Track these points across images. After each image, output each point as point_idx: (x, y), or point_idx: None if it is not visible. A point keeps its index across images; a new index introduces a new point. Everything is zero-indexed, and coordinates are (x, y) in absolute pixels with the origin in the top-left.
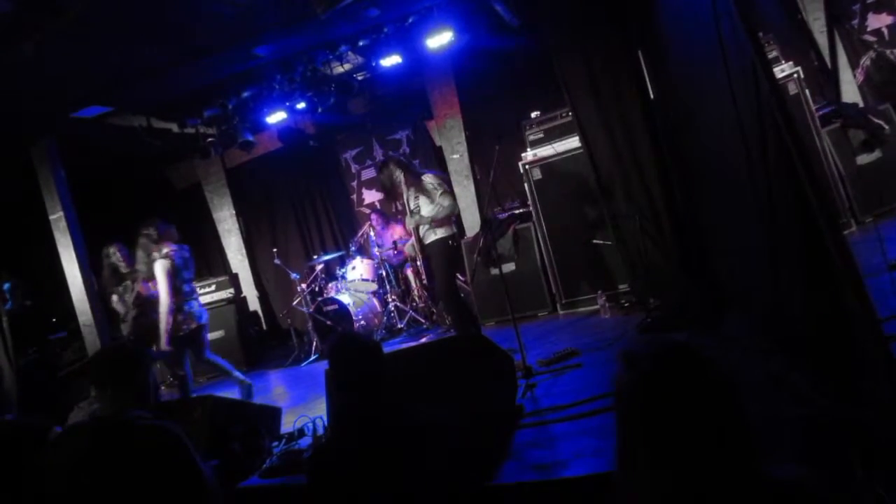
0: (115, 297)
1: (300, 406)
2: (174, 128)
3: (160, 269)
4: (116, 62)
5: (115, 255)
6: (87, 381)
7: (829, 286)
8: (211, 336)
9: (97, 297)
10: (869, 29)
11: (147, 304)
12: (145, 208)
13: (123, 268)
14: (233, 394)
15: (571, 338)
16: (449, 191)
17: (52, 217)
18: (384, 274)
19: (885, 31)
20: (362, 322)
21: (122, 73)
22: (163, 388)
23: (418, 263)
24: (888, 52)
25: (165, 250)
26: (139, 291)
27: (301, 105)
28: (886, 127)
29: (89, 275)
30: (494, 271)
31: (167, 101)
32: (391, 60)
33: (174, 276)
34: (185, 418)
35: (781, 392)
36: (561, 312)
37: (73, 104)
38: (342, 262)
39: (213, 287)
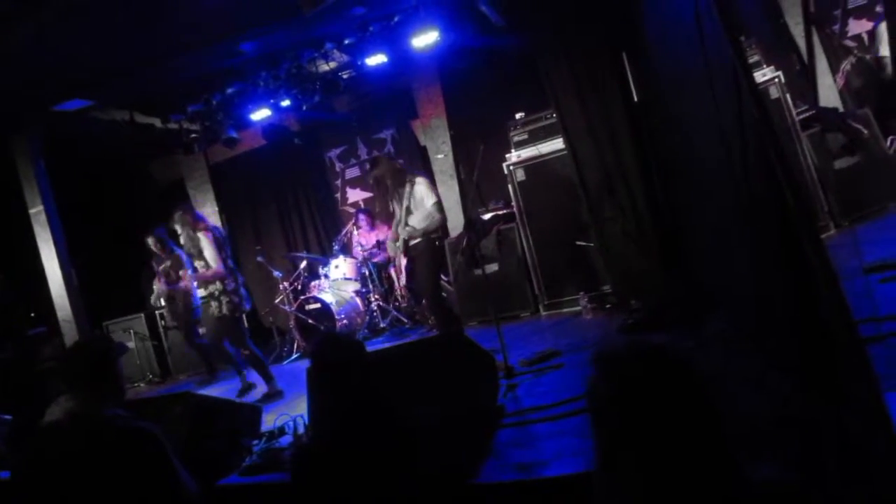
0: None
1: (281, 404)
2: (157, 123)
3: (206, 240)
4: (99, 56)
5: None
6: (63, 378)
7: (806, 288)
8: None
9: (77, 291)
10: (850, 34)
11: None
12: (127, 203)
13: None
14: (222, 392)
15: (553, 338)
16: (438, 199)
17: (31, 211)
18: (367, 273)
19: (865, 36)
20: (345, 321)
21: (104, 66)
22: (142, 384)
23: (400, 263)
24: (868, 57)
25: (208, 224)
26: (157, 287)
27: (286, 102)
28: (865, 131)
29: (69, 269)
30: (477, 271)
31: (150, 95)
32: (377, 59)
33: (220, 248)
34: (166, 415)
35: (761, 392)
36: (543, 313)
37: (55, 98)
38: (325, 260)
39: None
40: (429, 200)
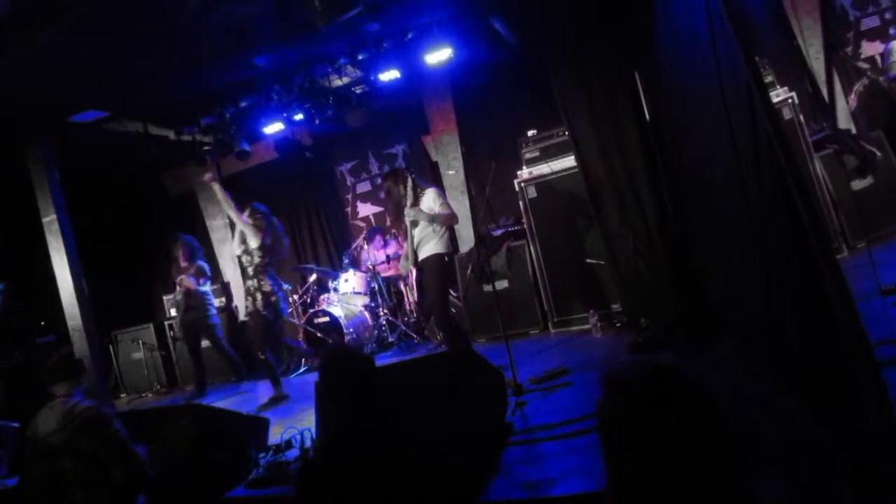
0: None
1: (288, 418)
2: (171, 135)
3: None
4: (114, 68)
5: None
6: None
7: (821, 309)
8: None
9: (87, 300)
10: (862, 56)
11: (194, 298)
12: (139, 214)
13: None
14: (223, 403)
15: (563, 356)
16: (446, 201)
17: (45, 220)
18: (376, 287)
19: (878, 58)
20: (353, 335)
21: (119, 79)
22: (149, 394)
23: (410, 281)
24: (881, 79)
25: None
26: (187, 287)
27: (298, 116)
28: (878, 153)
29: (80, 278)
30: (487, 288)
31: (164, 108)
32: (390, 75)
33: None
34: (173, 426)
35: (771, 414)
36: (553, 331)
37: (70, 108)
38: (334, 273)
39: None
40: (436, 205)
